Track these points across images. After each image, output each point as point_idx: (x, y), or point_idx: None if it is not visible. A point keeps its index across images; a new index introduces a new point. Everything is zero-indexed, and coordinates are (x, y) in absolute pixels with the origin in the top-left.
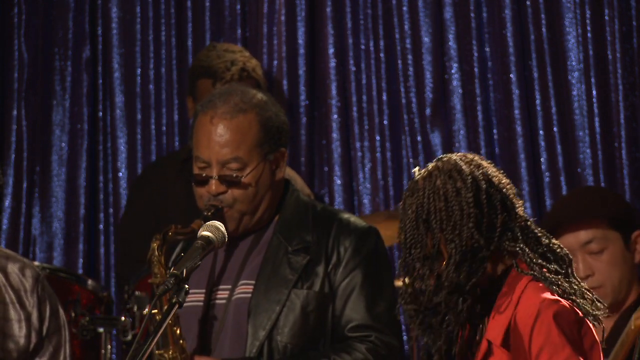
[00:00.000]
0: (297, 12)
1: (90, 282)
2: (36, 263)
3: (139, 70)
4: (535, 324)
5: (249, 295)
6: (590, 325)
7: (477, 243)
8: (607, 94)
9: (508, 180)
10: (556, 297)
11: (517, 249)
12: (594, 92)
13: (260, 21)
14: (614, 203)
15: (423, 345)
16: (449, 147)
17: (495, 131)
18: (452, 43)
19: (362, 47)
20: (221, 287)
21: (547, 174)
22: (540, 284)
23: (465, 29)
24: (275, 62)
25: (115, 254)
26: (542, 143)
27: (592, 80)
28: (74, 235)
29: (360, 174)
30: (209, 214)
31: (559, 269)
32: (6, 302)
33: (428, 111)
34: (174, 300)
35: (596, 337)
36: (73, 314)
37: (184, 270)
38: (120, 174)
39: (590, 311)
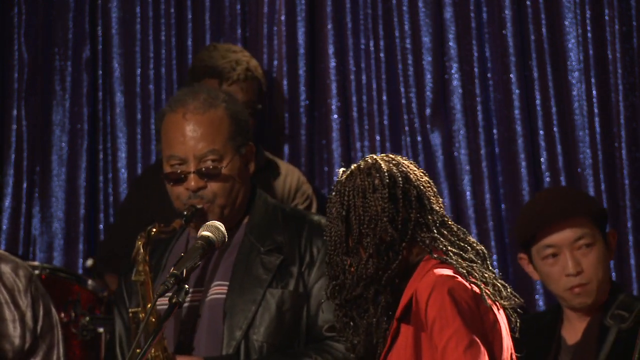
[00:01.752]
0: (297, 12)
1: (90, 282)
2: (36, 263)
3: (139, 70)
4: (430, 296)
5: (224, 296)
6: (495, 309)
7: (391, 237)
8: (607, 94)
9: (428, 179)
10: (453, 274)
11: (432, 239)
12: (594, 92)
13: (260, 21)
14: (594, 202)
15: (348, 338)
16: (449, 147)
17: (495, 131)
18: (452, 43)
19: (362, 47)
20: (194, 288)
21: (547, 174)
22: (446, 266)
23: (465, 29)
24: (275, 62)
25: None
26: (542, 143)
27: (592, 80)
28: (74, 235)
29: None
30: (189, 213)
31: (474, 258)
32: (0, 302)
33: (428, 111)
34: (174, 300)
35: (499, 320)
36: (73, 314)
37: (184, 270)
38: (120, 174)
39: (493, 298)
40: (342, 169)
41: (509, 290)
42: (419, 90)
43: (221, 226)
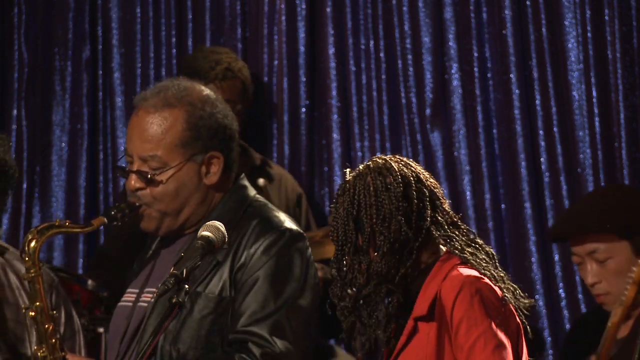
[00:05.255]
0: (297, 12)
1: (90, 282)
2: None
3: (139, 70)
4: (457, 296)
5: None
6: (515, 312)
7: (405, 235)
8: (607, 94)
9: (435, 182)
10: (479, 275)
11: (447, 237)
12: (594, 92)
13: (261, 21)
14: (625, 213)
15: (358, 339)
16: (449, 147)
17: (495, 131)
18: (452, 43)
19: (362, 47)
20: (148, 289)
21: (547, 174)
22: (469, 267)
23: (465, 29)
24: (275, 62)
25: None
26: (542, 143)
27: (592, 80)
28: (74, 235)
29: None
30: (113, 211)
31: (487, 258)
32: (20, 305)
33: (428, 111)
34: (174, 301)
35: (519, 323)
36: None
37: (184, 270)
38: None
39: (514, 301)
40: (348, 170)
41: (518, 291)
42: (419, 90)
43: (221, 226)
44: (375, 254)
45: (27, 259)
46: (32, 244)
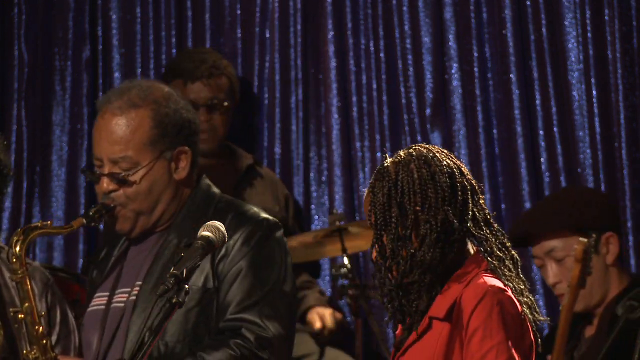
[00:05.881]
0: (296, 12)
1: None
2: (36, 263)
3: (139, 70)
4: (478, 304)
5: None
6: (530, 328)
7: (451, 226)
8: (607, 94)
9: (472, 176)
10: (504, 287)
11: (481, 236)
12: (594, 92)
13: (260, 21)
14: (581, 211)
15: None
16: (449, 147)
17: (495, 131)
18: (452, 43)
19: (362, 47)
20: (121, 290)
21: (547, 174)
22: (495, 276)
23: (465, 29)
24: (275, 62)
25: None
26: (542, 143)
27: (592, 80)
28: (74, 235)
29: (360, 174)
30: (92, 212)
31: (511, 267)
32: (16, 304)
33: (428, 111)
34: (174, 301)
35: (534, 341)
36: (73, 314)
37: (184, 270)
38: None
39: (530, 315)
40: (386, 154)
41: (534, 306)
42: (419, 90)
43: (221, 226)
44: (420, 242)
45: (14, 260)
46: (18, 245)
